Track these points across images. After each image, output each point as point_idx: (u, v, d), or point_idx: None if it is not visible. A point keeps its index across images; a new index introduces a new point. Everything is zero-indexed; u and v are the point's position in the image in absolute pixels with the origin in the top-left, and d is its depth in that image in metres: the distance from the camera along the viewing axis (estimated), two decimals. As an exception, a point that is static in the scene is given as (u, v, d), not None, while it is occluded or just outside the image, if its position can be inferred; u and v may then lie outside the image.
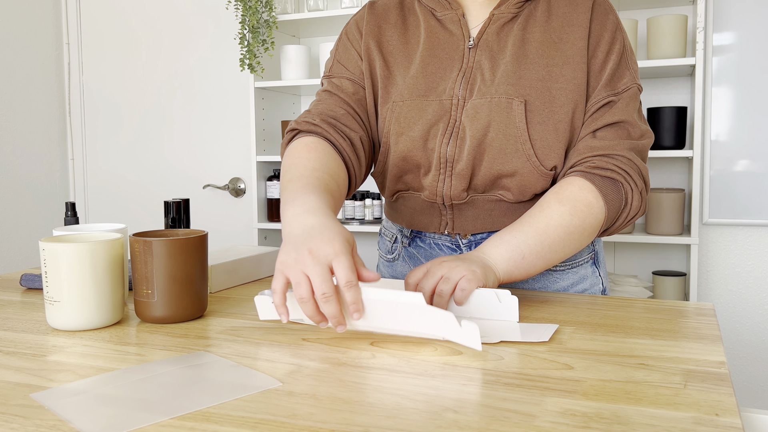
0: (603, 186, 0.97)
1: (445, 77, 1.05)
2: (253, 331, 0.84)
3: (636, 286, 2.15)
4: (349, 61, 1.11)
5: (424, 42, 1.07)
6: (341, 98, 1.09)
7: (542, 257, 0.94)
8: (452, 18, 1.07)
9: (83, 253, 0.83)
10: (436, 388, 0.63)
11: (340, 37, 1.15)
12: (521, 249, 0.93)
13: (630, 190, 0.98)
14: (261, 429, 0.54)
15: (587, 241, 0.99)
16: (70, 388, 0.64)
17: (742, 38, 2.21)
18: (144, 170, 2.98)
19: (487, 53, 1.04)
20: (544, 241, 0.94)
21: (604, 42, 1.02)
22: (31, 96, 2.89)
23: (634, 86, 1.02)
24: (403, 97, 1.05)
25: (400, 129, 1.04)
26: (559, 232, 0.95)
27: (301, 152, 0.98)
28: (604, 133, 1.01)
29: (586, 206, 0.96)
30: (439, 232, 1.10)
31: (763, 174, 2.22)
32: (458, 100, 1.03)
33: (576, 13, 1.02)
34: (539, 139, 0.99)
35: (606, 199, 0.97)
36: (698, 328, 0.84)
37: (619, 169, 0.97)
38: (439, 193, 1.05)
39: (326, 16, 2.38)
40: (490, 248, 0.94)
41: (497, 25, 1.04)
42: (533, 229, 0.94)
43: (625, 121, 1.01)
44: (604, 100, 1.01)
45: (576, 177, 0.98)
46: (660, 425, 0.55)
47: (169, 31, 2.88)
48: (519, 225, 0.96)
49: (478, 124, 1.00)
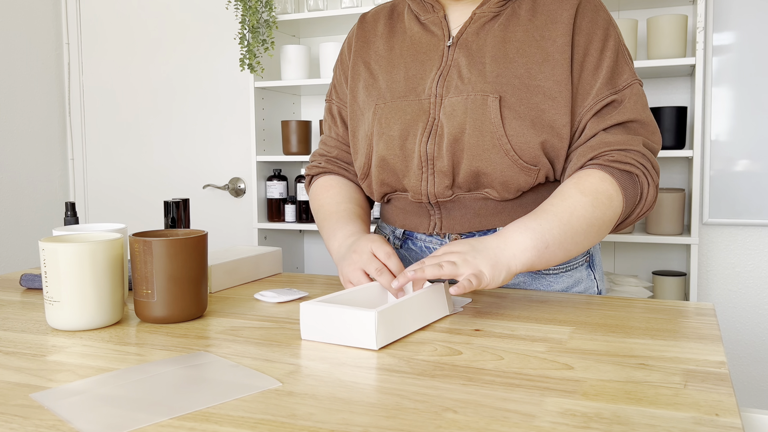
0: (622, 179, 0.96)
1: (424, 77, 1.06)
2: (253, 331, 0.84)
3: (636, 286, 2.15)
4: (339, 86, 1.21)
5: (408, 47, 1.10)
6: (339, 138, 1.22)
7: (564, 248, 0.92)
8: (434, 20, 1.08)
9: (83, 253, 0.83)
10: (436, 388, 0.63)
11: (337, 60, 1.24)
12: (545, 238, 0.90)
13: (647, 184, 0.98)
14: (261, 429, 0.54)
15: (605, 234, 0.98)
16: (70, 388, 0.64)
17: (742, 38, 2.21)
18: (144, 170, 2.98)
19: (465, 51, 1.04)
20: (567, 231, 0.92)
21: (597, 39, 1.01)
22: (31, 96, 2.89)
23: (635, 82, 1.02)
24: (385, 100, 1.08)
25: (381, 130, 1.07)
26: (582, 224, 0.93)
27: (322, 193, 1.19)
28: (616, 130, 1.00)
29: (607, 198, 0.95)
30: (428, 232, 1.11)
31: (763, 174, 2.22)
32: (436, 98, 1.04)
33: (560, 11, 1.02)
34: (515, 134, 0.99)
35: (625, 192, 0.96)
36: (698, 328, 0.84)
37: (638, 163, 0.97)
38: (423, 192, 1.06)
39: (326, 16, 2.38)
40: (515, 234, 0.90)
41: (478, 24, 1.05)
42: (558, 219, 0.92)
43: (636, 120, 1.01)
44: (608, 98, 1.00)
45: (595, 169, 0.97)
46: (660, 425, 0.55)
47: (169, 31, 2.87)
48: (543, 213, 0.93)
49: (454, 122, 1.01)
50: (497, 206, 1.06)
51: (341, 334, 0.77)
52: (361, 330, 0.76)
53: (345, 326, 0.77)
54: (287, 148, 2.51)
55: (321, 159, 1.23)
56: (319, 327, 0.79)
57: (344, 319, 0.77)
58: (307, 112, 2.80)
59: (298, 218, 2.53)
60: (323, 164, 1.22)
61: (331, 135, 1.24)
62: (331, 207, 1.14)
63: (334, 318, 0.78)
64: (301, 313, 0.80)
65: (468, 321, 0.88)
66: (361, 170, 1.12)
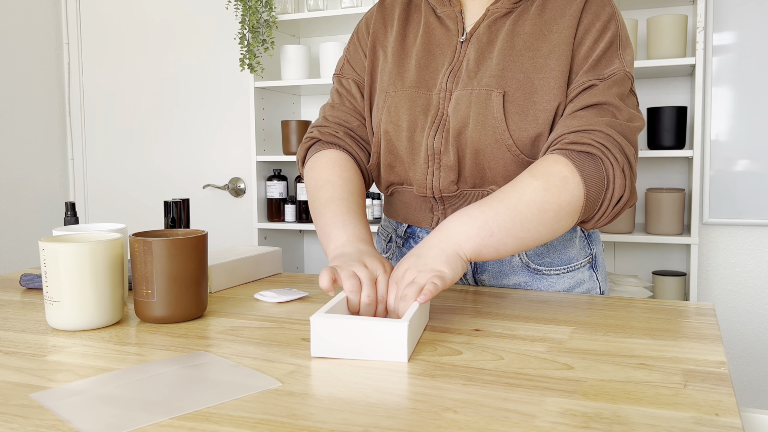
0: (579, 160, 0.91)
1: (437, 71, 1.06)
2: (253, 331, 0.84)
3: (636, 286, 2.15)
4: (356, 62, 1.16)
5: (421, 37, 1.09)
6: (353, 106, 1.15)
7: (513, 235, 0.87)
8: (450, 14, 1.08)
9: (83, 253, 0.83)
10: (436, 388, 0.63)
11: (352, 37, 1.19)
12: (489, 225, 0.86)
13: (610, 166, 0.91)
14: (261, 429, 0.54)
15: (566, 221, 0.91)
16: (70, 388, 0.64)
17: (742, 38, 2.21)
18: (144, 170, 2.98)
19: (475, 47, 1.04)
20: (515, 217, 0.87)
21: (595, 30, 0.99)
22: (31, 96, 2.89)
23: (622, 72, 0.98)
24: (396, 88, 1.07)
25: (390, 118, 1.07)
26: (532, 209, 0.88)
27: (335, 170, 1.08)
28: (583, 113, 0.95)
29: (560, 180, 0.89)
30: (431, 227, 1.10)
31: (763, 174, 2.22)
32: (445, 93, 1.04)
33: (569, 5, 1.02)
34: (518, 129, 0.98)
35: (583, 174, 0.90)
36: (698, 328, 0.84)
37: (596, 142, 0.91)
38: (428, 186, 1.06)
39: (326, 15, 2.38)
40: (455, 224, 0.87)
41: (490, 20, 1.05)
42: (503, 205, 0.88)
43: (608, 103, 0.95)
44: (586, 84, 0.97)
45: (551, 153, 0.94)
46: (660, 425, 0.55)
47: (169, 31, 2.87)
48: (488, 200, 0.89)
49: (459, 115, 1.01)
50: None
51: (364, 348, 0.72)
52: (391, 342, 0.71)
53: (371, 339, 0.71)
54: (287, 148, 2.51)
55: (339, 129, 1.13)
56: (335, 341, 0.72)
57: (371, 332, 0.71)
58: (307, 112, 2.80)
59: (298, 218, 2.53)
60: (341, 135, 1.12)
61: (344, 104, 1.15)
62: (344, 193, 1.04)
63: (355, 331, 0.72)
64: (313, 327, 0.72)
65: (468, 321, 0.88)
66: (372, 158, 1.12)
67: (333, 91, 1.19)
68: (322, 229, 1.01)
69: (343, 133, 1.13)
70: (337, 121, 1.14)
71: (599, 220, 0.95)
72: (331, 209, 1.01)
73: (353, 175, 1.09)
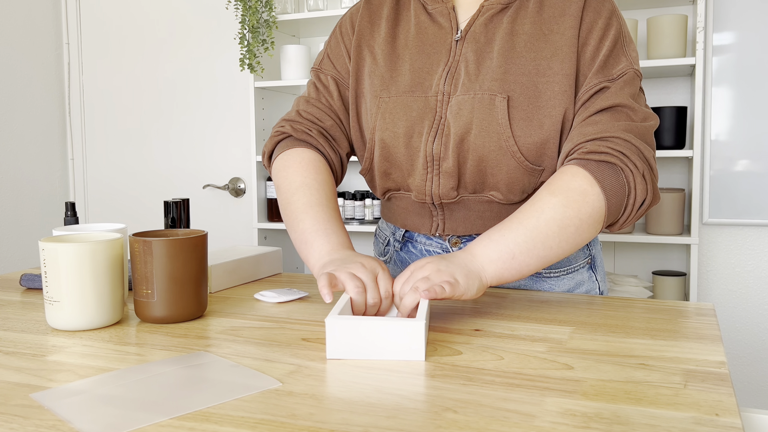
0: (598, 171, 0.90)
1: (432, 72, 1.03)
2: (253, 331, 0.84)
3: (636, 286, 2.15)
4: (337, 58, 1.12)
5: (414, 37, 1.06)
6: (329, 104, 1.11)
7: (535, 255, 0.88)
8: (442, 11, 1.05)
9: (83, 253, 0.83)
10: (436, 388, 0.63)
11: (334, 31, 1.15)
12: (510, 248, 0.87)
13: (631, 174, 0.90)
14: (261, 429, 0.54)
15: (589, 233, 0.91)
16: (70, 388, 0.64)
17: (742, 38, 2.21)
18: (144, 170, 2.98)
19: (473, 46, 1.01)
20: (536, 237, 0.87)
21: (597, 29, 0.97)
22: (31, 96, 2.89)
23: (631, 71, 0.97)
24: (390, 94, 1.04)
25: (385, 125, 1.03)
26: (552, 227, 0.88)
27: (310, 172, 1.04)
28: (598, 117, 0.95)
29: (579, 195, 0.89)
30: (431, 233, 1.09)
31: (763, 174, 2.22)
32: (443, 96, 1.01)
33: (569, 3, 0.99)
34: (523, 135, 0.97)
35: (603, 185, 0.90)
36: (698, 328, 0.84)
37: (614, 151, 0.90)
38: (428, 193, 1.03)
39: (326, 16, 2.38)
40: (478, 248, 0.88)
41: (486, 17, 1.02)
42: (523, 226, 0.88)
43: (622, 105, 0.94)
44: (597, 86, 0.96)
45: (569, 165, 0.92)
46: (660, 425, 0.55)
47: (169, 31, 2.87)
48: (508, 222, 0.89)
49: (461, 121, 0.98)
50: (501, 209, 1.04)
51: (380, 348, 0.72)
52: (409, 341, 0.71)
53: (387, 339, 0.72)
54: (287, 148, 2.51)
55: (312, 126, 1.09)
56: (352, 342, 0.72)
57: (388, 332, 0.72)
58: (307, 112, 2.80)
59: (298, 218, 2.52)
60: (314, 134, 1.08)
61: (321, 101, 1.12)
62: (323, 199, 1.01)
63: (371, 331, 0.72)
64: (328, 329, 0.73)
65: (468, 321, 0.88)
66: (363, 163, 1.09)
67: (310, 84, 1.14)
68: (300, 236, 0.98)
69: (316, 132, 1.09)
70: (310, 118, 1.10)
71: (624, 223, 0.95)
72: (311, 216, 0.99)
73: (328, 178, 1.06)
